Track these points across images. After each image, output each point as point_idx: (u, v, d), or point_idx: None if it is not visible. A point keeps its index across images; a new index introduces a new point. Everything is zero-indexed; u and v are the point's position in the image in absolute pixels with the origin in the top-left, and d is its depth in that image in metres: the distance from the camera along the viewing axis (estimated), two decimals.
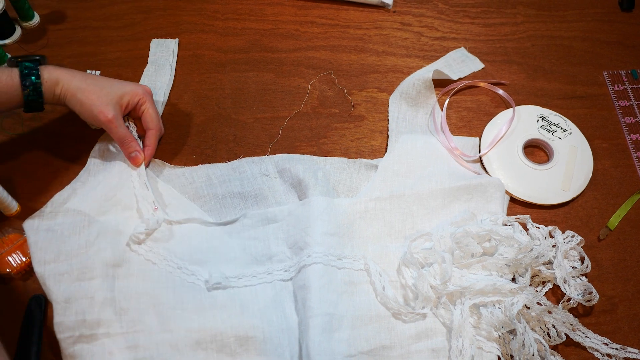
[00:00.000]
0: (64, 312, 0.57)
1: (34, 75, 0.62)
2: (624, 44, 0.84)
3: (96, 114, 0.63)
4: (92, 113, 0.63)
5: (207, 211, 0.67)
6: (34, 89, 0.62)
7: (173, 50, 0.80)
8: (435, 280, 0.60)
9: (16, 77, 0.61)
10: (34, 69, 0.62)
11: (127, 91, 0.66)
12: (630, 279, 0.65)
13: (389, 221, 0.65)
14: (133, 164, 0.66)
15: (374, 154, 0.73)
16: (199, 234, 0.64)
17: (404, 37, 0.84)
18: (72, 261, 0.59)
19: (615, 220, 0.69)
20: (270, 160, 0.69)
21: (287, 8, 0.86)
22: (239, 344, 0.57)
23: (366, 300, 0.60)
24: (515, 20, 0.86)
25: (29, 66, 0.62)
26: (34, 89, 0.62)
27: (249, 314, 0.58)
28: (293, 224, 0.63)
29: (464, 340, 0.57)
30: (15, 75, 0.61)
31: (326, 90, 0.78)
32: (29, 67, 0.62)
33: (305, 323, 0.57)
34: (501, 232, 0.62)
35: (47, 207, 0.62)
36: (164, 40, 0.81)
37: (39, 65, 0.63)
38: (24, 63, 0.62)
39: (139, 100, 0.67)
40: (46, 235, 0.60)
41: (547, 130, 0.74)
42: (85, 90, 0.63)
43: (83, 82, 0.64)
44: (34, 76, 0.62)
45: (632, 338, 0.61)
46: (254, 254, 0.63)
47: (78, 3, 0.85)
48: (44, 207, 0.62)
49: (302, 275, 0.59)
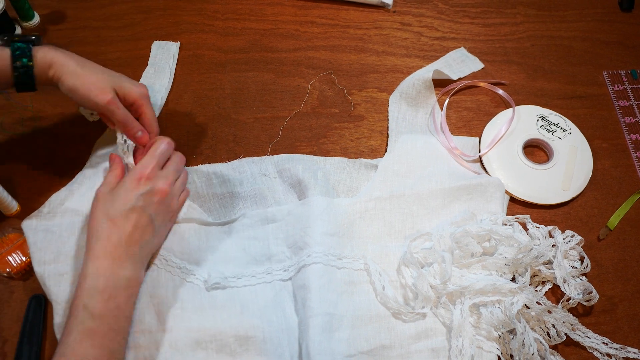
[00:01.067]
0: (64, 313, 0.57)
1: (25, 57, 0.58)
2: (624, 44, 0.84)
3: (95, 96, 0.59)
4: (90, 96, 0.59)
5: (207, 211, 0.67)
6: (25, 72, 0.59)
7: (174, 54, 0.80)
8: (435, 280, 0.60)
9: (7, 58, 0.58)
10: (26, 49, 0.58)
11: (125, 85, 0.62)
12: (630, 278, 0.65)
13: (388, 221, 0.65)
14: (139, 143, 0.63)
15: (374, 153, 0.73)
16: (198, 233, 0.64)
17: (403, 37, 0.84)
18: (71, 262, 0.59)
19: (615, 220, 0.69)
20: (270, 161, 0.69)
21: (287, 8, 0.86)
22: (239, 344, 0.57)
23: (366, 300, 0.60)
24: (515, 20, 0.86)
25: (21, 47, 0.58)
26: (25, 71, 0.58)
27: (248, 313, 0.58)
28: (293, 223, 0.63)
29: (463, 340, 0.57)
30: (6, 56, 0.58)
31: (326, 90, 0.78)
32: (21, 48, 0.58)
33: (305, 323, 0.57)
34: (501, 232, 0.62)
35: (44, 207, 0.62)
36: (165, 42, 0.81)
37: (32, 45, 0.59)
38: (16, 44, 0.58)
39: (134, 101, 0.63)
40: (45, 235, 0.60)
41: (547, 130, 0.74)
42: (81, 75, 0.60)
43: (79, 67, 0.60)
44: (25, 58, 0.58)
45: (631, 338, 0.62)
46: (253, 254, 0.63)
47: (78, 3, 0.85)
48: (41, 207, 0.62)
49: (302, 275, 0.60)
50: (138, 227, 0.56)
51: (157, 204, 0.58)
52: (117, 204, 0.56)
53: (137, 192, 0.57)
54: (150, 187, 0.58)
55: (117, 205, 0.56)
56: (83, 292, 0.52)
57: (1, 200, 0.63)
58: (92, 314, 0.51)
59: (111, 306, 0.53)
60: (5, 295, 0.62)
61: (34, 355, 0.58)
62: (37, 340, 0.59)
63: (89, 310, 0.51)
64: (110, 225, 0.55)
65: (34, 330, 0.59)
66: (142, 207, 0.57)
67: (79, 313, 0.51)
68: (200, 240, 0.63)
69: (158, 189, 0.58)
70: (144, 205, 0.57)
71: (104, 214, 0.56)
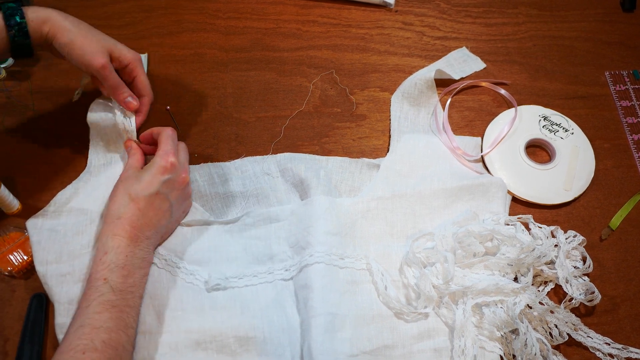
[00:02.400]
0: (66, 313, 0.57)
1: (17, 15, 0.58)
2: (626, 45, 0.84)
3: (88, 59, 0.61)
4: (84, 58, 0.61)
5: (209, 210, 0.66)
6: (19, 29, 0.58)
7: None
8: (437, 279, 0.60)
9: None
10: (17, 9, 0.58)
11: (119, 48, 0.64)
12: (632, 278, 0.65)
13: (391, 221, 0.65)
14: (128, 108, 0.65)
15: (376, 153, 0.73)
16: (200, 233, 0.64)
17: (405, 36, 0.84)
18: (74, 262, 0.59)
19: (617, 220, 0.69)
20: (272, 160, 0.69)
21: (288, 7, 0.86)
22: (239, 344, 0.57)
23: (368, 300, 0.60)
24: (517, 20, 0.86)
25: (11, 6, 0.58)
26: (20, 29, 0.58)
27: (249, 314, 0.58)
28: (295, 223, 0.63)
29: (466, 340, 0.57)
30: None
31: (328, 90, 0.78)
32: (12, 8, 0.58)
33: (307, 323, 0.57)
34: (503, 232, 0.62)
35: (50, 206, 0.62)
36: None
37: (21, 5, 0.59)
38: (7, 4, 0.58)
39: (129, 63, 0.65)
40: (49, 235, 0.60)
41: (549, 130, 0.74)
42: (77, 34, 0.60)
43: (74, 26, 0.61)
44: (17, 16, 0.58)
45: (634, 338, 0.61)
46: (255, 253, 0.63)
47: (79, 2, 0.85)
48: (47, 206, 0.62)
49: (304, 275, 0.59)
50: (159, 211, 0.59)
51: (177, 192, 0.61)
52: (142, 186, 0.58)
53: (162, 177, 0.59)
54: (174, 175, 0.60)
55: (141, 187, 0.58)
56: (104, 265, 0.54)
57: (2, 198, 0.63)
58: (113, 287, 0.53)
59: (129, 282, 0.55)
60: (6, 294, 0.61)
61: (36, 354, 0.58)
62: (38, 339, 0.58)
63: (109, 284, 0.53)
64: (133, 206, 0.57)
65: (35, 329, 0.59)
66: (165, 193, 0.59)
67: (100, 285, 0.53)
68: (202, 240, 0.63)
69: (180, 178, 0.61)
70: (167, 191, 0.59)
71: (128, 194, 0.58)
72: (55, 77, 0.77)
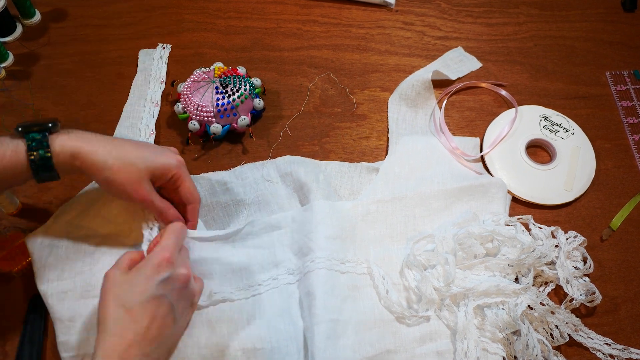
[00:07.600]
0: (67, 331, 0.56)
1: (42, 149, 0.53)
2: (627, 45, 0.84)
3: (129, 193, 0.56)
4: (125, 192, 0.56)
5: (211, 220, 0.66)
6: (43, 164, 0.53)
7: (162, 56, 0.79)
8: (438, 282, 0.59)
9: (22, 151, 0.53)
10: (42, 140, 0.53)
11: (158, 166, 0.57)
12: (633, 279, 0.65)
13: (390, 223, 0.65)
14: None
15: (376, 153, 0.73)
16: (202, 245, 0.62)
17: (406, 36, 0.84)
18: (76, 279, 0.58)
19: (617, 221, 0.69)
20: (272, 165, 0.69)
21: (289, 7, 0.86)
22: (246, 357, 0.56)
23: (370, 305, 0.59)
24: (518, 20, 0.86)
25: (36, 138, 0.53)
26: (43, 164, 0.53)
27: (255, 325, 0.57)
28: (297, 229, 0.62)
29: (468, 342, 0.56)
30: (21, 150, 0.53)
31: (328, 90, 0.78)
32: (37, 140, 0.53)
33: (310, 330, 0.56)
34: (504, 233, 0.62)
35: (50, 222, 0.61)
36: (152, 50, 0.80)
37: (48, 133, 0.53)
38: (31, 134, 0.53)
39: (172, 175, 0.59)
40: (50, 251, 0.59)
41: (550, 130, 0.74)
42: (111, 168, 0.54)
43: (109, 156, 0.54)
44: (42, 149, 0.53)
45: (634, 338, 0.61)
46: (260, 262, 0.61)
47: (80, 1, 0.85)
48: (47, 222, 0.61)
49: (307, 282, 0.59)
50: (156, 318, 0.50)
51: (178, 291, 0.53)
52: (135, 291, 0.50)
53: (157, 278, 0.51)
54: (171, 272, 0.52)
55: (134, 292, 0.50)
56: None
57: (2, 198, 0.63)
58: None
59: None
60: (6, 294, 0.61)
61: (35, 355, 0.57)
62: (38, 340, 0.58)
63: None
64: (126, 317, 0.49)
65: (34, 329, 0.59)
66: (162, 295, 0.51)
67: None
68: (206, 252, 0.61)
69: (180, 274, 0.53)
70: (165, 293, 0.51)
71: (119, 302, 0.49)
72: (56, 77, 0.77)
